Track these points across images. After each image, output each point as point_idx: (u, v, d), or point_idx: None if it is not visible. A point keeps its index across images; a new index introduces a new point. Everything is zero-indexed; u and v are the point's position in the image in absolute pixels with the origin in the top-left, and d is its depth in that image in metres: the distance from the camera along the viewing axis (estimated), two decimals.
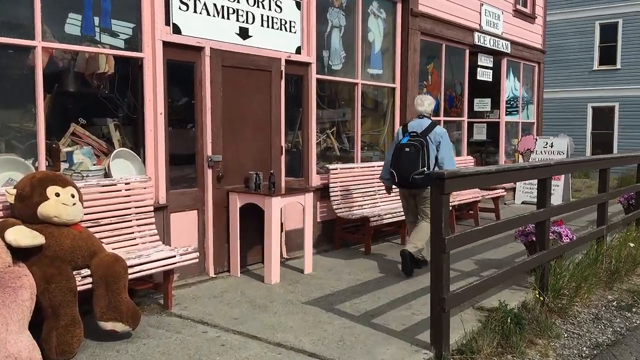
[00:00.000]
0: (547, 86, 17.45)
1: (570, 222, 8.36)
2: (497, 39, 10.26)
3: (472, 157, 9.78)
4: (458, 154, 9.94)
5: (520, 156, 11.48)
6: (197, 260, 4.77)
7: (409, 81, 8.16)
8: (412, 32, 8.15)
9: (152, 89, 5.04)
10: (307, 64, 6.64)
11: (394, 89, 8.18)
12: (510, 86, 11.35)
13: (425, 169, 5.46)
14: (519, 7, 11.13)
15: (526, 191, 11.21)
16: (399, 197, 6.21)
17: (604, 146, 21.34)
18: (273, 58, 6.12)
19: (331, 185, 6.79)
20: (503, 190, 9.32)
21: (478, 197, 8.50)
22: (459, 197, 8.13)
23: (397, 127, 8.05)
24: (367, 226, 6.55)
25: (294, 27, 6.39)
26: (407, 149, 5.53)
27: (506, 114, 11.22)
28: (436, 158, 5.60)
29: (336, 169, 6.90)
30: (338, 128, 7.67)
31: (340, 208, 6.80)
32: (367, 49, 7.72)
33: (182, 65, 5.36)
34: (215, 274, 5.58)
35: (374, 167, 7.41)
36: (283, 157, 6.30)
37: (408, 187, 5.72)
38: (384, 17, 7.95)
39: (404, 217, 6.44)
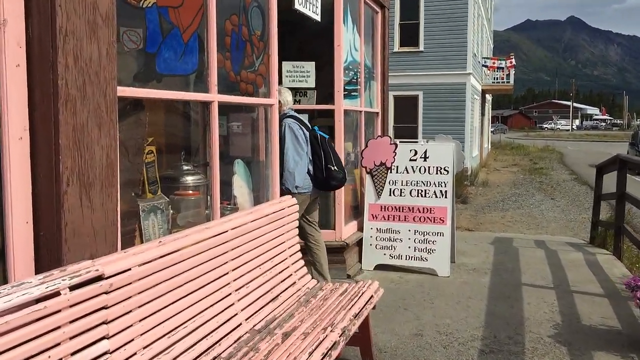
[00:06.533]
0: None
1: None
2: None
3: (292, 199, 3.95)
4: (266, 194, 4.01)
5: (368, 176, 6.08)
6: None
7: None
8: None
9: None
10: None
11: None
12: (349, 41, 5.84)
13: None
14: None
15: (383, 243, 5.84)
16: None
17: None
18: None
19: None
20: (378, 290, 3.63)
21: (336, 335, 2.68)
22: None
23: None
24: None
25: None
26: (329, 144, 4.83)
27: (345, 96, 5.66)
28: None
29: None
30: None
31: None
32: None
33: None
34: None
35: None
36: None
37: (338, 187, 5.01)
38: None
39: None
